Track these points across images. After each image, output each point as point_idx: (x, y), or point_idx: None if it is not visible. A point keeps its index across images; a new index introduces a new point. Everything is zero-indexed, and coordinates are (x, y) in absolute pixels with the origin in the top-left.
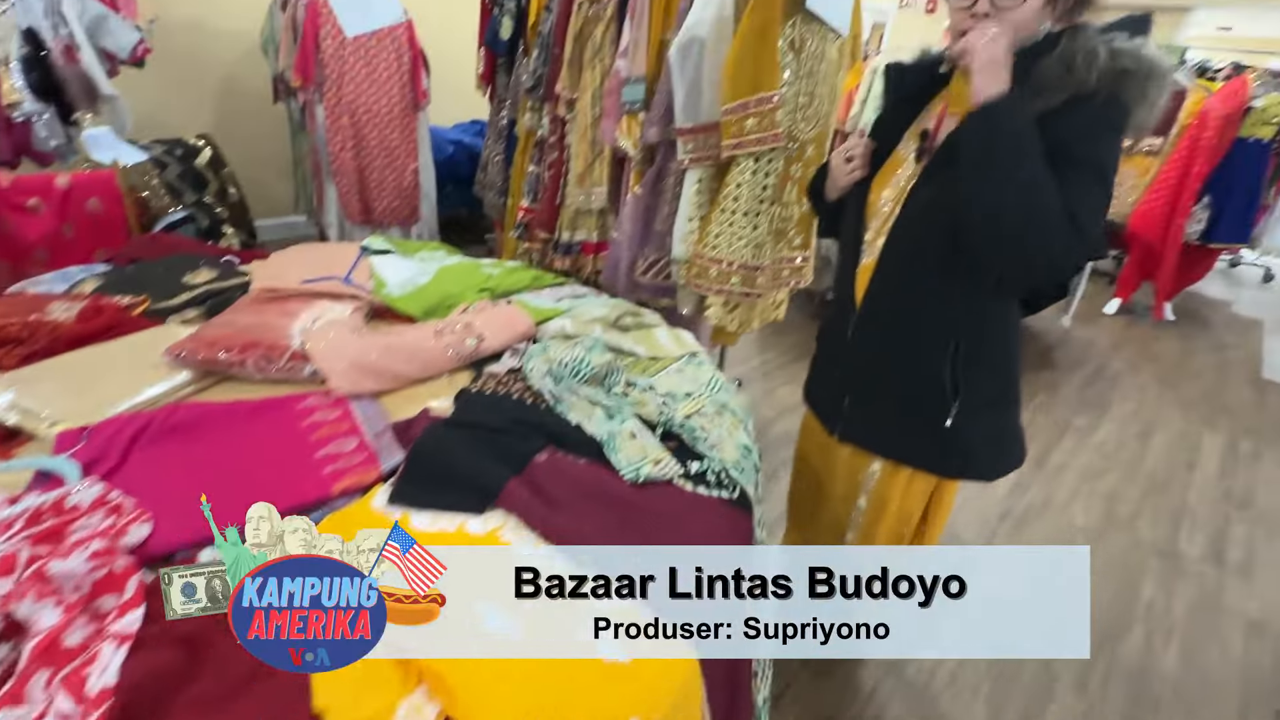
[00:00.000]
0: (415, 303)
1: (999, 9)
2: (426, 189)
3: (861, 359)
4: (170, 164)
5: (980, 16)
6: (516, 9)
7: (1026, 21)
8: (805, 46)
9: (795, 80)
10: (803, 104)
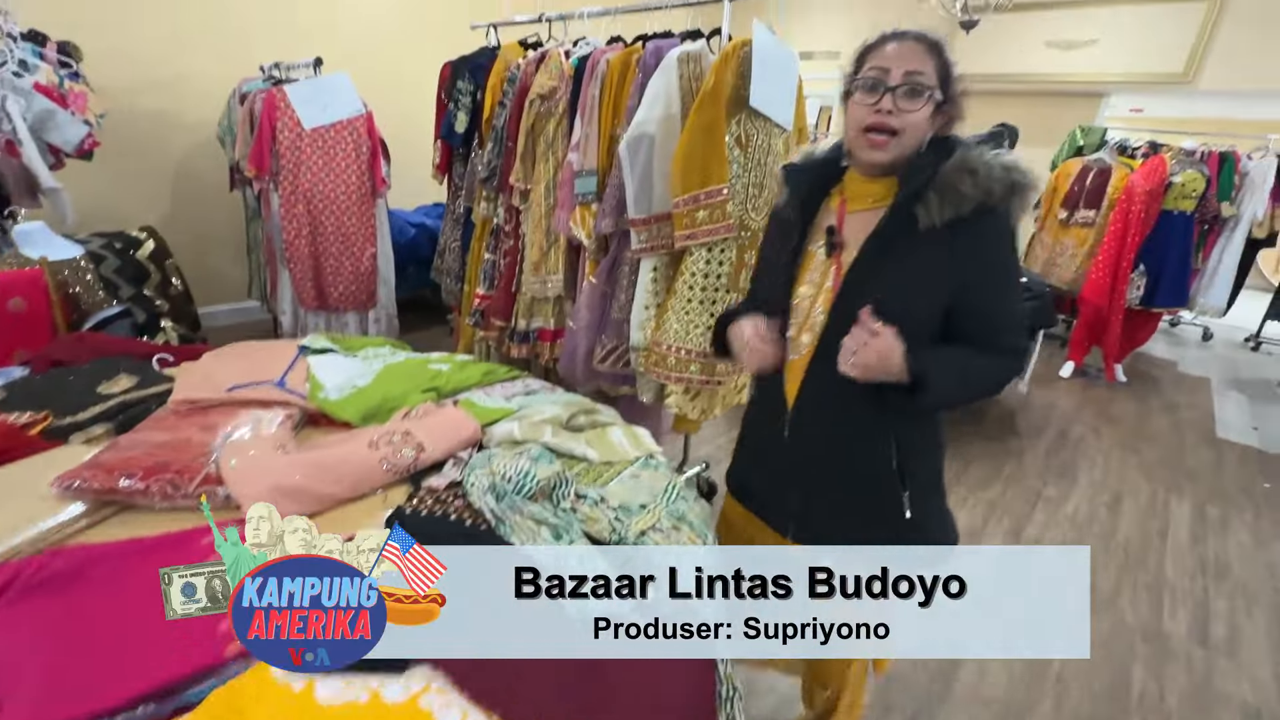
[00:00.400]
0: (353, 407)
1: (901, 111)
2: (385, 273)
3: (801, 457)
4: (108, 257)
5: (884, 113)
6: (471, 104)
7: (919, 126)
8: (752, 141)
9: (744, 173)
10: (753, 194)
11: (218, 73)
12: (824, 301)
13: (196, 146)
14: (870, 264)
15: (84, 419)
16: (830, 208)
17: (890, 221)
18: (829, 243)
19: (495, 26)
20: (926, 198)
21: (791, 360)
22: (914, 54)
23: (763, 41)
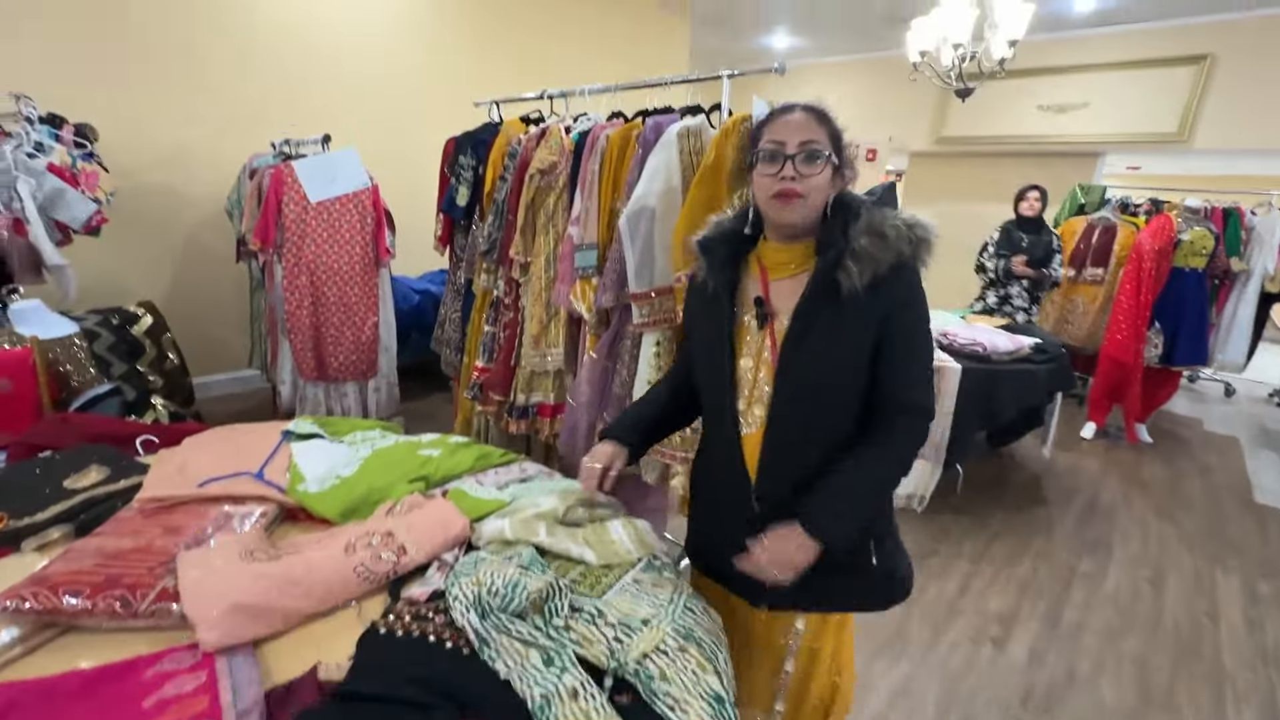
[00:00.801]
0: (334, 502)
1: (803, 176)
2: (386, 342)
3: (769, 524)
4: (103, 334)
5: (787, 179)
6: (473, 178)
7: (821, 188)
8: None
9: None
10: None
11: (227, 149)
12: (766, 373)
13: (204, 220)
14: (803, 334)
15: (42, 520)
16: (751, 276)
17: (814, 290)
18: (760, 313)
19: (498, 103)
20: (845, 265)
21: (747, 434)
22: (806, 125)
23: (762, 116)
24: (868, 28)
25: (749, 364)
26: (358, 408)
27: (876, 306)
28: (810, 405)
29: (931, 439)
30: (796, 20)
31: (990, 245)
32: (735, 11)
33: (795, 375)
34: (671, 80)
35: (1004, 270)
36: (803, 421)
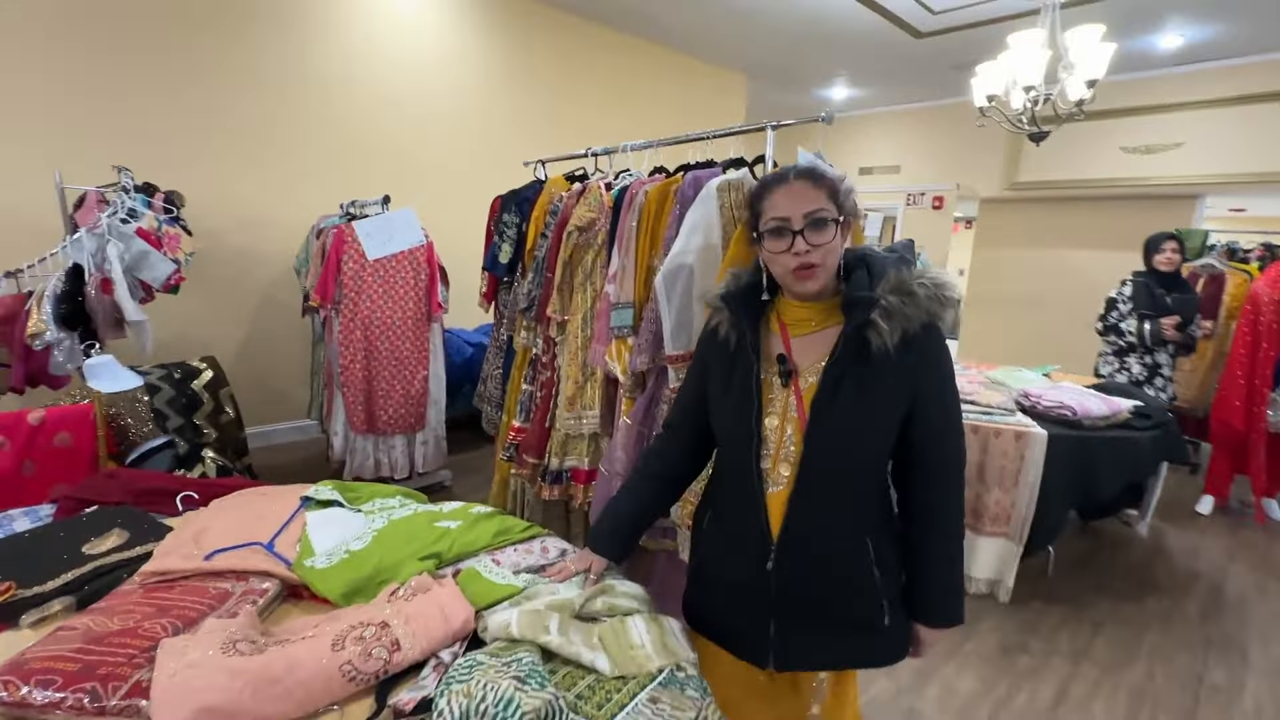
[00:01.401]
0: (338, 581)
1: (816, 246)
2: (435, 395)
3: (785, 587)
4: (164, 388)
5: (801, 254)
6: (516, 235)
7: (835, 250)
8: None
9: None
10: None
11: (297, 211)
12: (795, 431)
13: (275, 278)
14: (833, 393)
15: (48, 590)
16: (771, 332)
17: (844, 350)
18: (783, 370)
19: (543, 162)
20: (876, 324)
21: (771, 493)
22: (805, 193)
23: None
24: (930, 76)
25: (774, 422)
26: (405, 461)
27: (907, 366)
28: (840, 465)
29: (1015, 514)
30: (856, 71)
31: (1120, 303)
32: (793, 65)
33: (826, 434)
34: (715, 134)
35: (1153, 334)
36: (832, 481)
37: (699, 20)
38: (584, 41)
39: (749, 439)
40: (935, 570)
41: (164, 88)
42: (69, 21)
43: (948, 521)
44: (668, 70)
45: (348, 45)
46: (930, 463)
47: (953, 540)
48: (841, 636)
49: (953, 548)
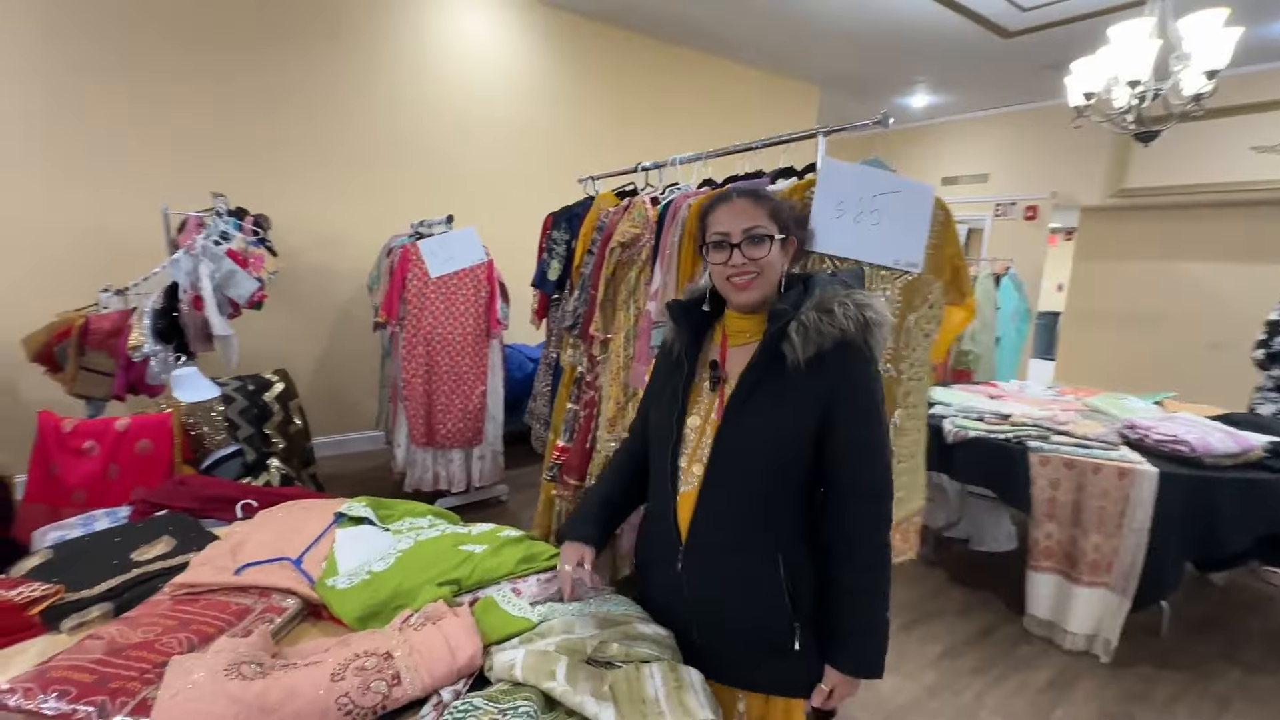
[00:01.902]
0: (354, 603)
1: (752, 260)
2: (493, 410)
3: (696, 589)
4: (238, 399)
5: (738, 266)
6: (565, 252)
7: (773, 265)
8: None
9: None
10: None
11: (371, 231)
12: (711, 432)
13: (351, 295)
14: (746, 398)
15: (89, 596)
16: (714, 342)
17: (760, 358)
18: (713, 376)
19: (595, 178)
20: (789, 337)
21: (683, 492)
22: (744, 210)
23: (839, 174)
24: (1020, 77)
25: (696, 422)
26: (462, 474)
27: (819, 382)
28: (746, 468)
29: (1118, 563)
30: (938, 77)
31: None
32: (869, 74)
33: (734, 436)
34: (763, 143)
35: None
36: (736, 485)
37: (770, 34)
38: (650, 60)
39: (669, 436)
40: (842, 604)
41: (254, 117)
42: (173, 67)
43: (857, 552)
44: (737, 85)
45: (420, 72)
46: (840, 486)
47: (864, 574)
48: (752, 654)
49: (864, 582)
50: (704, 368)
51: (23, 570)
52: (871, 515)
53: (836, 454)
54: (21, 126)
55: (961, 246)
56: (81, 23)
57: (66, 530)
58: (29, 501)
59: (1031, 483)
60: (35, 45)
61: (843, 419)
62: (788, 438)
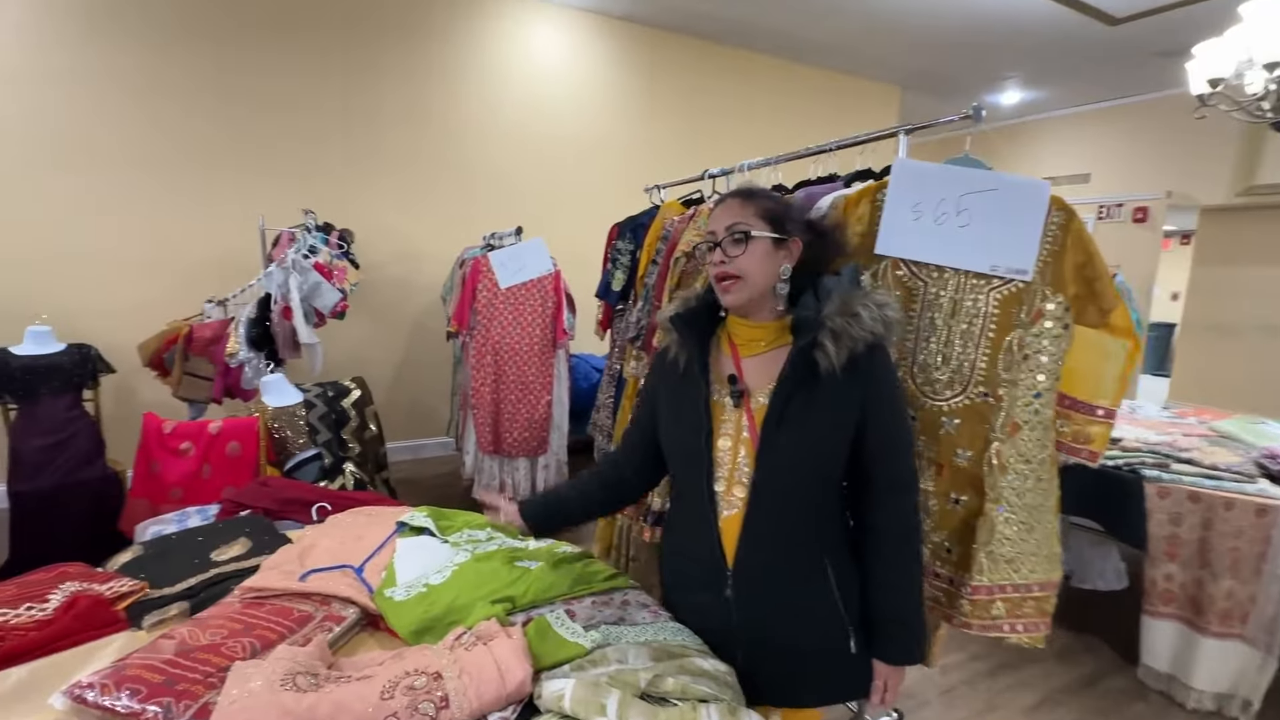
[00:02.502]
0: (410, 617)
1: (731, 258)
2: (558, 420)
3: (746, 614)
4: (318, 404)
5: (717, 264)
6: (630, 262)
7: (758, 266)
8: (916, 296)
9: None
10: (923, 365)
11: (446, 243)
12: (747, 453)
13: (427, 305)
14: (783, 413)
15: (169, 595)
16: (722, 352)
17: (793, 371)
18: (734, 392)
19: (660, 187)
20: (822, 344)
21: (726, 516)
22: (731, 210)
23: (915, 174)
24: (1127, 67)
25: (727, 444)
26: (527, 483)
27: (854, 387)
28: (793, 485)
29: (1257, 612)
30: (1033, 71)
31: None
32: (955, 72)
33: (778, 455)
34: (836, 145)
35: None
36: (786, 503)
37: (848, 33)
38: (720, 67)
39: (700, 461)
40: (884, 596)
41: (341, 139)
42: (270, 96)
43: (897, 544)
44: (812, 89)
45: (492, 91)
46: (878, 482)
47: (902, 566)
48: (809, 667)
49: (901, 575)
50: (719, 382)
51: (116, 564)
52: (908, 506)
53: (873, 452)
54: (142, 155)
55: (1098, 253)
56: (186, 57)
57: (163, 525)
58: (133, 496)
59: (1148, 516)
60: (156, 82)
61: (878, 418)
62: (830, 447)
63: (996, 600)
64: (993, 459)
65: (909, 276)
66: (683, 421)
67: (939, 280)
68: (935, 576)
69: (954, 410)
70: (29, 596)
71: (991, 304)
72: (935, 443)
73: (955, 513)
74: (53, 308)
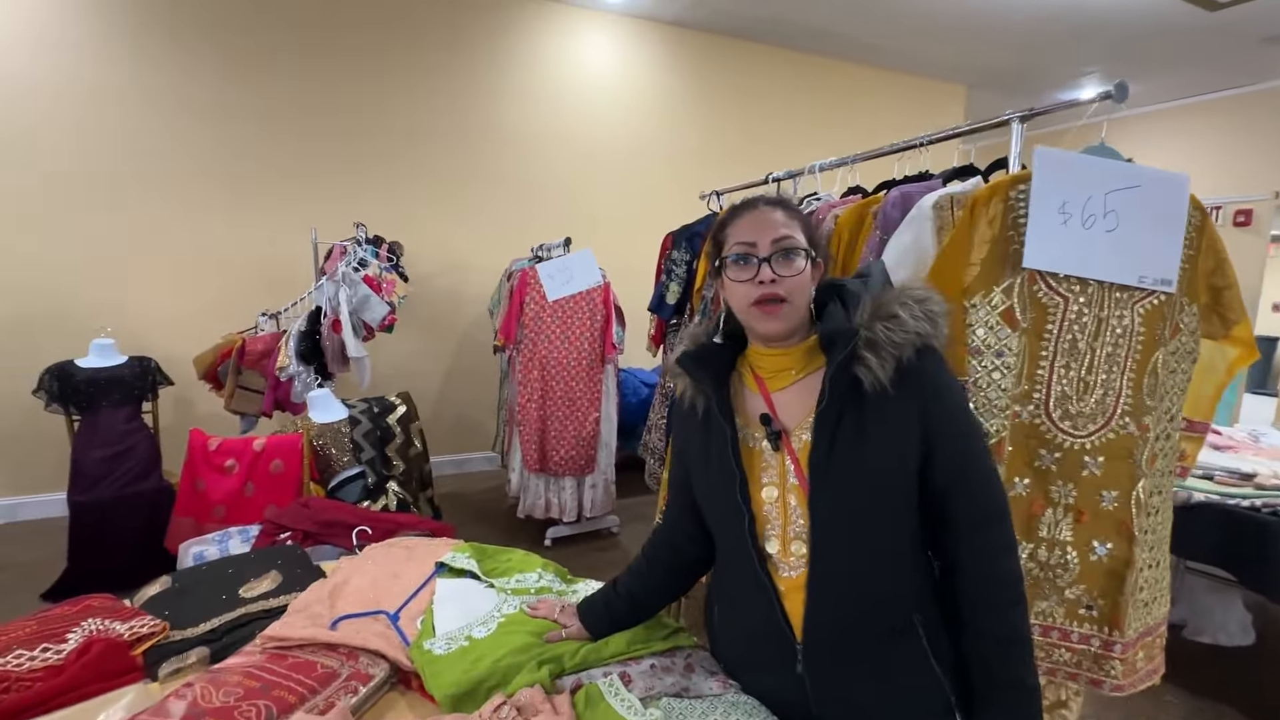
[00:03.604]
0: (448, 676)
1: (781, 278)
2: (606, 438)
3: (825, 689)
4: (363, 421)
5: (765, 283)
6: (686, 274)
7: (803, 287)
8: (1052, 314)
9: (1019, 364)
10: (1063, 395)
11: (494, 256)
12: (798, 502)
13: (475, 318)
14: (831, 447)
15: (191, 637)
16: (747, 389)
17: (832, 395)
18: (771, 433)
19: (719, 193)
20: (862, 358)
21: (786, 579)
22: (775, 220)
23: (1061, 166)
24: (1229, 56)
25: (773, 493)
26: (573, 504)
27: (909, 401)
28: (859, 531)
29: None
30: (1115, 64)
31: None
32: (1028, 68)
33: (831, 497)
34: (931, 138)
35: None
36: (854, 553)
37: (907, 33)
38: (774, 69)
39: (739, 517)
40: (993, 653)
41: (391, 149)
42: (327, 112)
43: (994, 588)
44: (871, 91)
45: (544, 98)
46: (957, 515)
47: (1003, 614)
48: None
49: (1010, 625)
50: (750, 425)
51: (144, 597)
52: (1002, 543)
53: (945, 478)
54: (205, 171)
55: (1228, 259)
56: (247, 76)
57: (204, 546)
58: (178, 515)
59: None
60: (222, 102)
61: (944, 435)
62: (895, 479)
63: (1139, 649)
64: (1140, 497)
65: (1046, 292)
66: (711, 474)
67: (1080, 295)
68: (1066, 636)
69: (1098, 447)
70: (48, 635)
71: (1137, 320)
72: (1076, 487)
73: (1100, 563)
74: (116, 320)
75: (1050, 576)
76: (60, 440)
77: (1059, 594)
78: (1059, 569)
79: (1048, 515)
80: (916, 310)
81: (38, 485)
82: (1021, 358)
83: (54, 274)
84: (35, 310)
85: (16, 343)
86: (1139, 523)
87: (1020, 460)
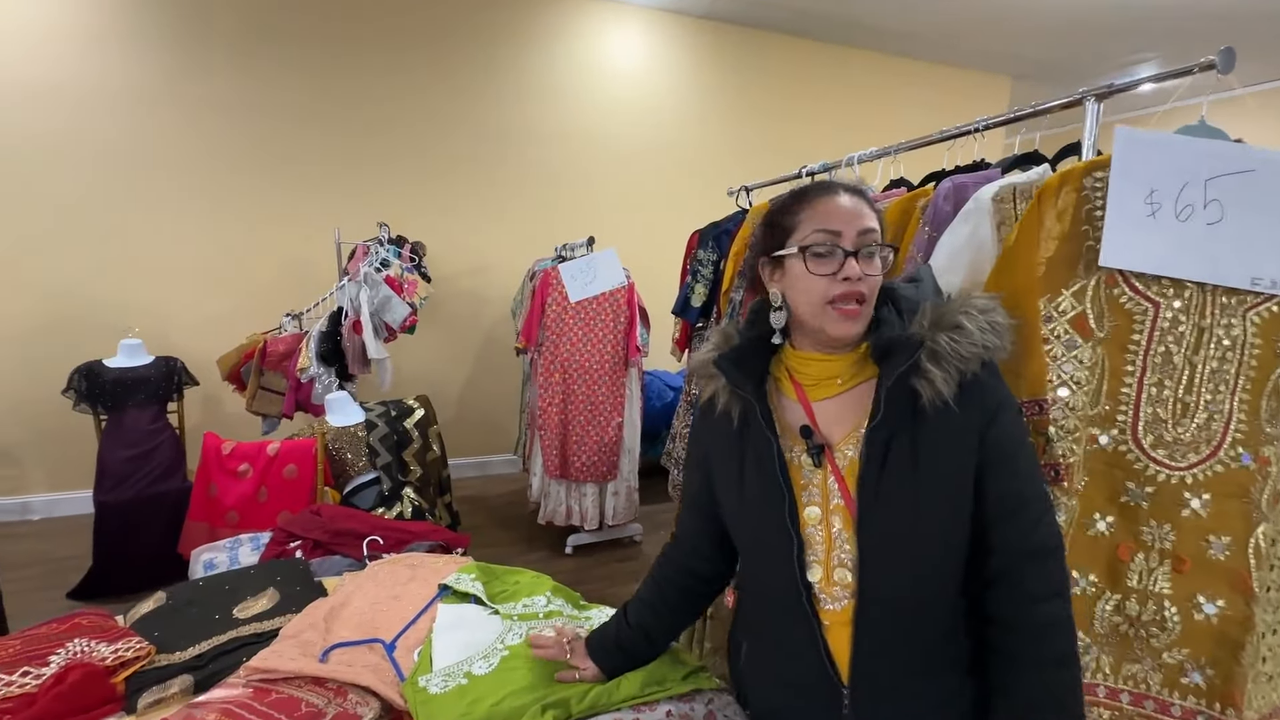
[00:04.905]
0: (445, 717)
1: (867, 276)
2: (629, 443)
3: None
4: (379, 424)
5: (853, 280)
6: (712, 274)
7: (877, 290)
8: (1139, 320)
9: (1103, 374)
10: (1159, 418)
11: (517, 256)
12: (845, 526)
13: (497, 319)
14: (882, 466)
15: (176, 663)
16: (785, 397)
17: (888, 409)
18: (812, 449)
19: (748, 189)
20: (924, 369)
21: (830, 612)
22: (859, 210)
23: (1148, 148)
24: None
25: (816, 514)
26: (595, 511)
27: (969, 419)
28: (910, 557)
29: None
30: (1178, 49)
31: None
32: (1077, 56)
33: (887, 522)
34: (985, 124)
35: None
36: (909, 584)
37: (948, 23)
38: (807, 61)
39: (787, 544)
40: (1035, 689)
41: (415, 148)
42: (350, 113)
43: (1052, 632)
44: (909, 83)
45: (570, 94)
46: (1011, 546)
47: (1061, 662)
48: None
49: (1062, 673)
50: (786, 436)
51: (136, 615)
52: (1059, 577)
53: (997, 505)
54: (230, 170)
55: None
56: (272, 75)
57: (215, 553)
58: (191, 520)
59: None
60: (245, 102)
61: (1002, 458)
62: (953, 505)
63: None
64: (1260, 545)
65: (1130, 297)
66: (748, 491)
67: (1174, 300)
68: (1165, 709)
69: (1201, 482)
70: (30, 656)
71: (1250, 330)
72: (1175, 529)
73: (1208, 624)
74: (143, 320)
75: (1144, 635)
76: (93, 439)
77: (1154, 656)
78: (1154, 627)
79: (1138, 561)
80: (982, 321)
81: (74, 482)
82: (1097, 372)
83: (88, 274)
84: (71, 311)
85: (54, 342)
86: (1259, 577)
87: (1102, 495)
